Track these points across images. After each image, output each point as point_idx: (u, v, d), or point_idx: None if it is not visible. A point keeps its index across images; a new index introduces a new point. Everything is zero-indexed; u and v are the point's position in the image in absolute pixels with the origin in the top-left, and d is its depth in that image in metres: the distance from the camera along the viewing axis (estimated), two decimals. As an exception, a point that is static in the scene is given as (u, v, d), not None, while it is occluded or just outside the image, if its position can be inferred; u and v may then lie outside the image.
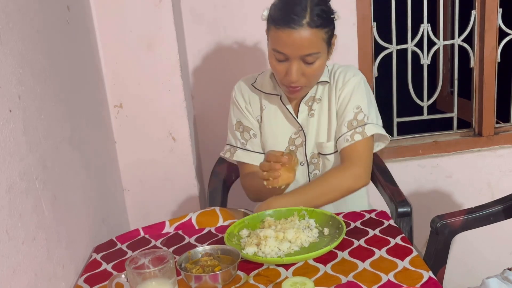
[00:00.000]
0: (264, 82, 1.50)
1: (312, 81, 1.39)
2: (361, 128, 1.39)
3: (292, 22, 1.26)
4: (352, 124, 1.40)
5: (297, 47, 1.28)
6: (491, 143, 2.20)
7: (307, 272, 1.09)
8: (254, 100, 1.52)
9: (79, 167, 1.34)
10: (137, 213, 1.87)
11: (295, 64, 1.31)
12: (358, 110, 1.41)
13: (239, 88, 1.53)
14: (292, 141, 1.49)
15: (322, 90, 1.47)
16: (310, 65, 1.32)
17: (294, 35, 1.26)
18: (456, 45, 2.13)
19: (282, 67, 1.33)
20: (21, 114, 1.00)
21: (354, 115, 1.41)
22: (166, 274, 0.98)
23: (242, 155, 1.52)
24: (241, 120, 1.52)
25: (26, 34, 1.07)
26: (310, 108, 1.47)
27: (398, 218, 1.46)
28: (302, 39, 1.27)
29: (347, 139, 1.39)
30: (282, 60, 1.32)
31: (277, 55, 1.32)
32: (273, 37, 1.32)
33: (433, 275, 1.04)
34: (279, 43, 1.30)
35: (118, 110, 1.75)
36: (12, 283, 0.88)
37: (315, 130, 1.48)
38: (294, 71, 1.31)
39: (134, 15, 1.66)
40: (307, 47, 1.28)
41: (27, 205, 0.97)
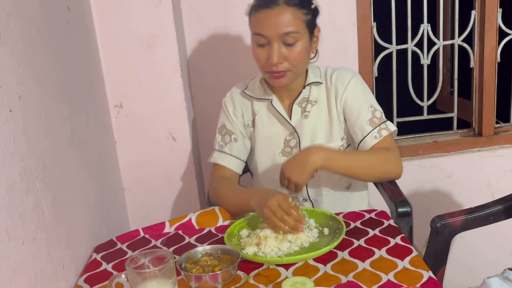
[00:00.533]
0: (255, 88, 1.51)
1: (296, 66, 1.36)
2: (384, 125, 1.42)
3: (270, 2, 1.30)
4: (374, 122, 1.42)
5: (275, 26, 1.29)
6: (491, 143, 2.20)
7: (307, 272, 1.09)
8: (246, 106, 1.53)
9: (79, 167, 1.34)
10: (137, 213, 1.87)
11: (276, 45, 1.31)
12: (373, 109, 1.43)
13: (231, 95, 1.55)
14: (287, 143, 1.49)
15: (317, 92, 1.47)
16: (290, 47, 1.32)
17: (272, 13, 1.29)
18: (456, 45, 2.13)
19: (263, 52, 1.34)
20: (21, 114, 1.00)
21: (371, 113, 1.43)
22: (166, 274, 0.98)
23: (217, 156, 1.53)
24: (225, 123, 1.54)
25: (26, 34, 1.07)
26: (303, 109, 1.47)
27: (398, 218, 1.46)
28: (279, 16, 1.29)
29: (375, 136, 1.41)
30: (263, 44, 1.33)
31: (257, 38, 1.33)
32: (253, 22, 1.34)
33: (433, 275, 1.04)
34: (259, 25, 1.32)
35: (118, 110, 1.75)
36: (13, 283, 0.89)
37: (311, 132, 1.47)
38: (275, 52, 1.31)
39: (134, 15, 1.66)
40: (285, 25, 1.29)
41: (27, 205, 0.98)
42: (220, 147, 1.53)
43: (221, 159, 1.52)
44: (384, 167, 1.40)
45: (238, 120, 1.53)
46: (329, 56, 1.99)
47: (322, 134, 1.47)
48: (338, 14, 1.96)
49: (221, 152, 1.52)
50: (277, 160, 1.49)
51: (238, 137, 1.52)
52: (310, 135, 1.47)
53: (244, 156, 1.54)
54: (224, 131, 1.53)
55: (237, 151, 1.52)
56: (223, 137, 1.53)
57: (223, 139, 1.53)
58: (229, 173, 1.51)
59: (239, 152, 1.52)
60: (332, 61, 1.99)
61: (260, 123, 1.51)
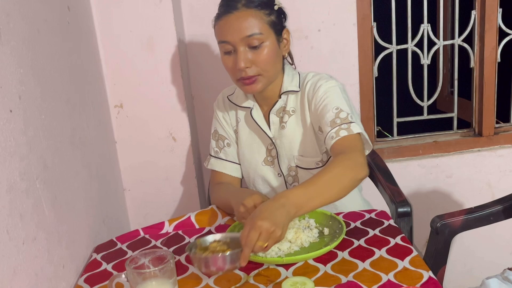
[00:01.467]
0: (239, 95, 1.49)
1: (265, 69, 1.31)
2: (346, 125, 1.28)
3: (229, 7, 1.28)
4: (335, 122, 1.29)
5: (237, 30, 1.27)
6: (491, 143, 2.20)
7: (307, 272, 1.09)
8: (231, 112, 1.52)
9: (79, 167, 1.34)
10: (137, 213, 1.87)
11: (241, 49, 1.29)
12: (338, 110, 1.31)
13: (218, 101, 1.55)
14: (269, 152, 1.48)
15: (295, 101, 1.42)
16: (256, 50, 1.29)
17: (232, 18, 1.28)
18: (456, 45, 2.13)
19: (231, 60, 1.31)
20: (22, 114, 1.00)
21: (335, 114, 1.30)
22: (166, 274, 0.98)
23: (214, 163, 1.53)
24: (217, 129, 1.54)
25: (26, 34, 1.07)
26: (281, 119, 1.43)
27: (398, 218, 1.46)
28: (240, 20, 1.27)
29: (332, 136, 1.28)
30: (229, 51, 1.31)
31: (223, 46, 1.31)
32: (217, 31, 1.32)
33: (433, 275, 1.04)
34: (222, 32, 1.30)
35: (119, 110, 1.75)
36: (13, 283, 0.89)
37: (288, 143, 1.43)
38: (241, 57, 1.28)
39: (134, 15, 1.66)
40: (247, 27, 1.27)
41: (27, 205, 0.98)
42: (215, 153, 1.54)
43: (218, 166, 1.52)
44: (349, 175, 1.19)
45: (228, 124, 1.53)
46: (329, 56, 2.00)
47: (300, 147, 1.43)
48: (338, 14, 1.96)
49: (217, 158, 1.53)
50: (260, 169, 1.49)
51: (231, 142, 1.52)
52: (288, 147, 1.44)
53: (242, 161, 1.53)
54: (217, 136, 1.54)
55: (232, 156, 1.52)
56: (217, 142, 1.54)
57: (217, 144, 1.53)
58: (229, 179, 1.52)
59: (234, 156, 1.52)
60: (332, 61, 2.01)
61: (243, 131, 1.50)
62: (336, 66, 1.99)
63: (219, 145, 1.53)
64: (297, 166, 1.45)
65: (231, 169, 1.52)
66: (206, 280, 1.10)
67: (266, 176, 1.49)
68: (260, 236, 1.03)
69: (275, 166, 1.48)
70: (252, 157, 1.49)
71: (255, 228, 1.03)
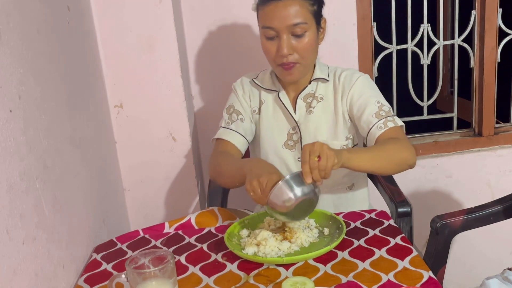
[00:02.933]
0: (265, 78, 1.53)
1: (305, 57, 1.38)
2: (391, 118, 1.39)
3: None
4: (380, 114, 1.39)
5: (283, 17, 1.31)
6: (491, 143, 2.20)
7: (307, 272, 1.09)
8: (254, 94, 1.54)
9: (79, 167, 1.34)
10: (137, 213, 1.87)
11: (285, 37, 1.33)
12: (380, 104, 1.41)
13: (241, 81, 1.56)
14: (290, 136, 1.50)
15: (325, 89, 1.48)
16: (299, 38, 1.34)
17: (279, 5, 1.31)
18: (456, 45, 2.13)
19: (273, 46, 1.36)
20: (21, 114, 1.00)
21: (378, 108, 1.40)
22: (166, 274, 0.98)
23: (222, 132, 1.50)
24: (234, 104, 1.54)
25: (26, 34, 1.07)
26: (309, 105, 1.48)
27: (398, 218, 1.46)
28: (287, 8, 1.31)
29: (380, 126, 1.37)
30: (272, 37, 1.35)
31: (266, 32, 1.35)
32: (262, 16, 1.36)
33: (433, 275, 1.04)
34: (267, 18, 1.33)
35: (119, 110, 1.75)
36: (13, 283, 0.89)
37: (314, 128, 1.47)
38: (284, 44, 1.33)
39: (134, 15, 1.66)
40: (294, 16, 1.31)
41: (27, 205, 0.98)
42: (226, 124, 1.52)
43: (226, 135, 1.50)
44: (400, 155, 1.32)
45: (247, 103, 1.54)
46: (329, 56, 1.99)
47: (326, 132, 1.47)
48: (338, 14, 1.96)
49: (227, 128, 1.51)
50: (280, 152, 1.50)
51: (245, 118, 1.52)
52: (313, 132, 1.47)
53: (249, 136, 1.53)
54: (232, 110, 1.53)
55: (243, 130, 1.51)
56: (230, 115, 1.53)
57: (230, 117, 1.52)
58: (233, 149, 1.48)
59: (244, 131, 1.51)
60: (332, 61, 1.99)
61: (266, 113, 1.51)
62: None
63: (232, 118, 1.52)
64: None
65: (238, 140, 1.49)
66: (206, 280, 1.10)
67: (286, 159, 1.50)
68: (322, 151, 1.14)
69: (296, 150, 1.49)
70: (273, 139, 1.51)
71: (312, 144, 1.16)
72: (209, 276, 1.11)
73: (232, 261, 1.16)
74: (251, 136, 1.55)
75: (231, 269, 1.14)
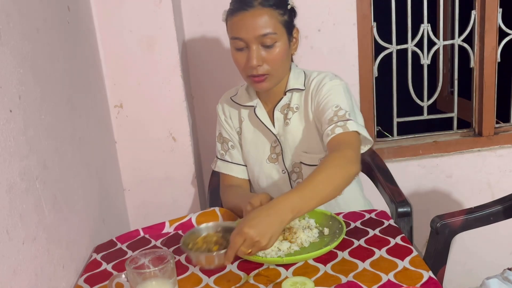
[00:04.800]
0: (242, 95, 1.49)
1: (275, 69, 1.33)
2: (342, 123, 1.27)
3: (245, 4, 1.28)
4: (332, 120, 1.29)
5: (252, 28, 1.28)
6: (491, 143, 2.20)
7: (307, 272, 1.09)
8: (234, 113, 1.52)
9: (79, 167, 1.34)
10: (137, 213, 1.87)
11: (254, 47, 1.29)
12: (337, 108, 1.31)
13: (222, 102, 1.55)
14: (273, 150, 1.48)
15: (299, 98, 1.43)
16: (269, 49, 1.30)
17: (248, 15, 1.28)
18: (456, 45, 2.13)
19: (242, 57, 1.32)
20: (21, 114, 1.00)
21: (334, 112, 1.30)
22: (166, 274, 0.98)
23: (221, 165, 1.54)
24: (221, 132, 1.54)
25: (26, 34, 1.07)
26: (285, 116, 1.44)
27: (398, 218, 1.46)
28: (255, 18, 1.27)
29: (328, 133, 1.28)
30: (241, 48, 1.31)
31: (235, 43, 1.31)
32: (230, 26, 1.32)
33: (433, 275, 1.04)
34: (235, 29, 1.30)
35: (118, 110, 1.75)
36: (13, 283, 0.89)
37: (292, 139, 1.44)
38: (253, 55, 1.29)
39: (134, 15, 1.66)
40: (262, 26, 1.27)
41: (27, 205, 0.98)
42: (221, 156, 1.54)
43: (225, 168, 1.53)
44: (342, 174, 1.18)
45: (231, 126, 1.53)
46: (329, 56, 2.00)
47: (304, 143, 1.43)
48: (338, 14, 1.96)
49: (224, 161, 1.54)
50: (264, 166, 1.49)
51: (235, 144, 1.53)
52: (292, 144, 1.44)
53: (246, 161, 1.53)
54: (222, 139, 1.54)
55: (237, 158, 1.53)
56: (222, 145, 1.54)
57: (223, 147, 1.54)
58: (238, 181, 1.52)
59: (238, 158, 1.53)
60: (332, 61, 2.01)
61: (247, 130, 1.50)
62: (336, 66, 1.99)
63: (224, 148, 1.53)
64: (301, 163, 1.45)
65: (237, 171, 1.53)
66: (206, 280, 1.10)
67: (271, 173, 1.49)
68: (244, 242, 1.04)
69: (279, 163, 1.48)
70: (257, 155, 1.49)
71: (240, 234, 1.04)
72: (209, 276, 1.11)
73: (232, 261, 1.16)
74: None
75: (231, 269, 1.13)
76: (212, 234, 1.15)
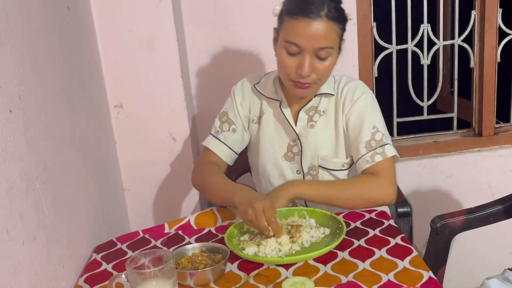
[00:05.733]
0: (267, 85, 1.47)
1: (322, 79, 1.34)
2: (381, 149, 1.35)
3: (311, 12, 1.23)
4: (371, 145, 1.35)
5: (313, 38, 1.24)
6: (491, 143, 2.20)
7: (307, 272, 1.09)
8: (255, 102, 1.49)
9: (79, 167, 1.34)
10: (137, 213, 1.87)
11: (308, 57, 1.26)
12: (374, 130, 1.36)
13: (242, 85, 1.50)
14: (290, 148, 1.46)
15: (327, 103, 1.43)
16: (322, 61, 1.28)
17: (312, 25, 1.23)
18: (456, 45, 2.13)
19: (293, 61, 1.28)
20: (21, 114, 1.00)
21: (371, 135, 1.36)
22: (166, 274, 0.97)
23: (211, 141, 1.48)
24: (228, 111, 1.49)
25: (26, 34, 1.07)
26: (310, 118, 1.44)
27: (398, 218, 1.46)
28: (319, 30, 1.24)
29: (367, 160, 1.35)
30: (294, 53, 1.28)
31: (290, 47, 1.27)
32: (287, 28, 1.27)
33: (433, 275, 1.04)
34: (295, 34, 1.25)
35: (118, 110, 1.75)
36: (13, 283, 0.89)
37: (315, 142, 1.44)
38: (307, 64, 1.26)
39: (134, 15, 1.66)
40: (324, 39, 1.25)
41: (27, 205, 0.98)
42: (215, 133, 1.49)
43: (213, 145, 1.48)
44: (366, 196, 1.33)
45: (244, 112, 1.49)
46: (329, 56, 1.99)
47: (327, 147, 1.43)
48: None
49: (216, 138, 1.48)
50: (279, 163, 1.48)
51: (238, 129, 1.48)
52: (314, 146, 1.44)
53: (238, 148, 1.50)
54: (225, 118, 1.49)
55: (232, 142, 1.48)
56: (222, 124, 1.49)
57: (221, 126, 1.49)
58: (218, 161, 1.47)
59: (233, 143, 1.48)
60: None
61: (266, 123, 1.48)
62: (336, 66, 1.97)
63: (223, 127, 1.49)
64: (320, 166, 1.44)
65: (225, 153, 1.47)
66: (206, 280, 1.10)
67: (284, 171, 1.48)
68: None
69: (295, 162, 1.47)
70: (273, 150, 1.48)
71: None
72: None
73: (232, 261, 1.16)
74: (241, 148, 1.52)
75: (231, 269, 1.13)
76: (197, 253, 1.15)
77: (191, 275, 1.06)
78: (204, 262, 1.11)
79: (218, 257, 1.13)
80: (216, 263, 1.10)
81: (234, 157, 1.51)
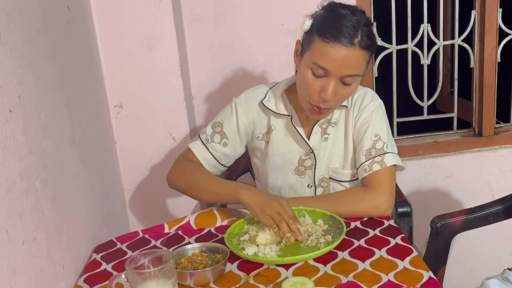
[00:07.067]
0: (276, 100, 1.42)
1: (340, 103, 1.32)
2: (380, 158, 1.33)
3: (345, 39, 1.19)
4: (370, 153, 1.34)
5: (343, 66, 1.21)
6: (491, 143, 2.20)
7: (307, 272, 1.09)
8: (261, 120, 1.44)
9: (79, 167, 1.34)
10: (137, 213, 1.87)
11: (334, 82, 1.24)
12: (376, 138, 1.35)
13: (247, 102, 1.44)
14: (302, 162, 1.44)
15: (339, 114, 1.41)
16: (346, 86, 1.26)
17: (344, 52, 1.20)
18: (456, 45, 2.13)
19: (316, 84, 1.25)
20: (21, 114, 1.00)
21: (372, 143, 1.34)
22: (166, 274, 0.98)
23: (198, 147, 1.44)
24: (224, 124, 1.44)
25: (26, 34, 1.07)
26: (324, 131, 1.41)
27: (398, 218, 1.46)
28: (350, 58, 1.21)
29: (365, 169, 1.33)
30: (320, 76, 1.24)
31: (317, 69, 1.23)
32: (317, 50, 1.22)
33: (433, 275, 1.04)
34: (325, 58, 1.21)
35: (118, 110, 1.75)
36: (12, 283, 0.89)
37: (328, 154, 1.42)
38: (331, 90, 1.23)
39: (134, 15, 1.66)
40: (353, 67, 1.23)
41: (27, 205, 0.98)
42: (205, 140, 1.44)
43: (199, 151, 1.44)
44: (357, 210, 1.32)
45: (244, 131, 1.44)
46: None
47: (337, 159, 1.42)
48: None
49: (204, 146, 1.44)
50: (289, 177, 1.46)
51: (229, 144, 1.44)
52: (327, 158, 1.42)
53: (225, 162, 1.47)
54: (219, 129, 1.44)
55: (219, 154, 1.44)
56: (214, 134, 1.44)
57: (213, 136, 1.44)
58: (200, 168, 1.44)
59: (221, 155, 1.45)
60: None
61: (276, 140, 1.44)
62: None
63: (213, 138, 1.44)
64: (331, 178, 1.44)
65: (209, 162, 1.44)
66: (206, 280, 1.10)
67: (295, 185, 1.47)
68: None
69: (306, 176, 1.45)
70: (283, 165, 1.45)
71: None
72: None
73: (232, 261, 1.16)
74: (230, 162, 1.48)
75: (231, 269, 1.13)
76: (197, 253, 1.15)
77: (191, 275, 1.06)
78: (204, 262, 1.11)
79: (218, 257, 1.13)
80: (216, 263, 1.10)
81: (220, 168, 1.47)
